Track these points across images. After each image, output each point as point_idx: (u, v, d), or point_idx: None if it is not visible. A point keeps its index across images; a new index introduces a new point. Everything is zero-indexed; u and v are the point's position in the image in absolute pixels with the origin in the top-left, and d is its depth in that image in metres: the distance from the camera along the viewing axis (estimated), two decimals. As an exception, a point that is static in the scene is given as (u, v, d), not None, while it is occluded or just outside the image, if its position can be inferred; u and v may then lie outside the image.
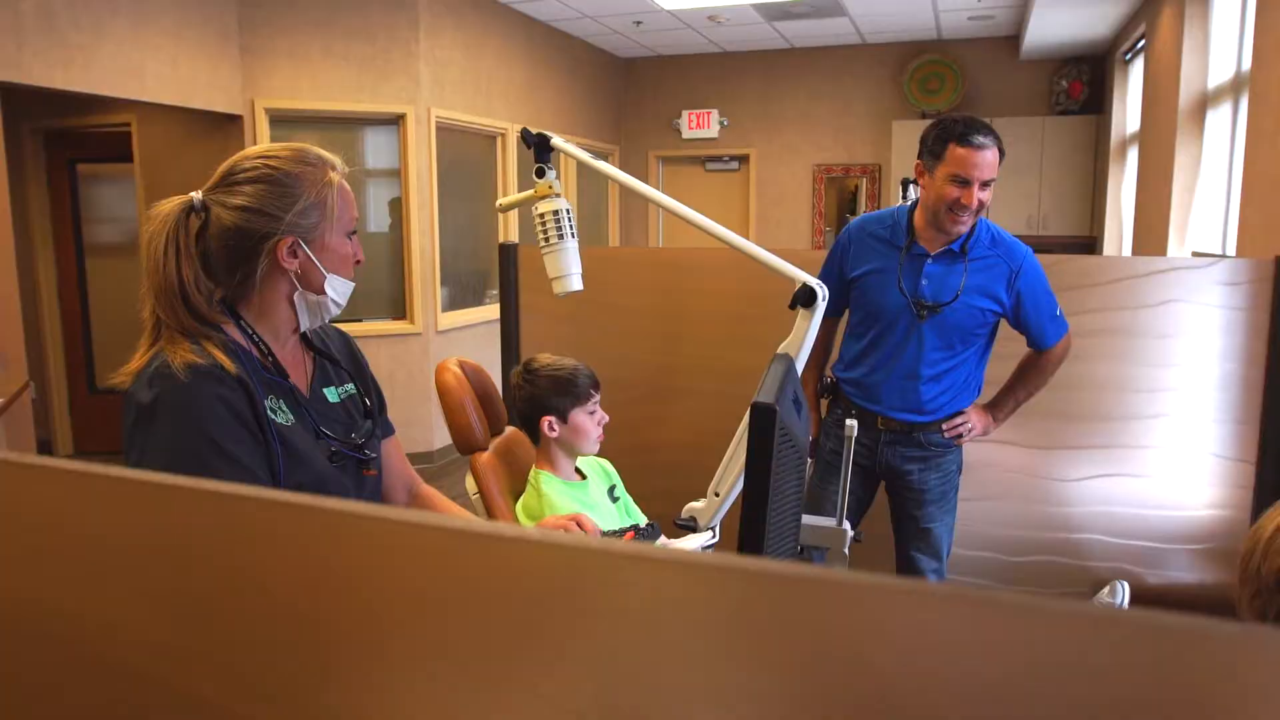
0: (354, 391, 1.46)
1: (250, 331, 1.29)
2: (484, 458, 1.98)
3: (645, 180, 8.70)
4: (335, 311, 1.35)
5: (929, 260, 2.22)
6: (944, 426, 2.30)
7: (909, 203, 4.72)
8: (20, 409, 3.49)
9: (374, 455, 1.40)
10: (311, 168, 1.28)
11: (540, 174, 1.73)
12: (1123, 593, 2.02)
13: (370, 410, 1.46)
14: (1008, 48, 7.15)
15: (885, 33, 7.13)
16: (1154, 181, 4.83)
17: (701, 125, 8.18)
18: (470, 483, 1.98)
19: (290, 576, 0.46)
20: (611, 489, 2.14)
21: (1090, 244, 6.80)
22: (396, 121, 5.37)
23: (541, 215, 1.73)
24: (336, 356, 1.46)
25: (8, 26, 3.62)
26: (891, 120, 7.36)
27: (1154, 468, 2.77)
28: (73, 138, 5.46)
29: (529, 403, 1.98)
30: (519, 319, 3.39)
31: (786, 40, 7.41)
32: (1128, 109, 6.17)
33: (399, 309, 5.55)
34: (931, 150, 2.16)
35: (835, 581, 0.37)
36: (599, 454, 2.09)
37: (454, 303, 5.95)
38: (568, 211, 1.74)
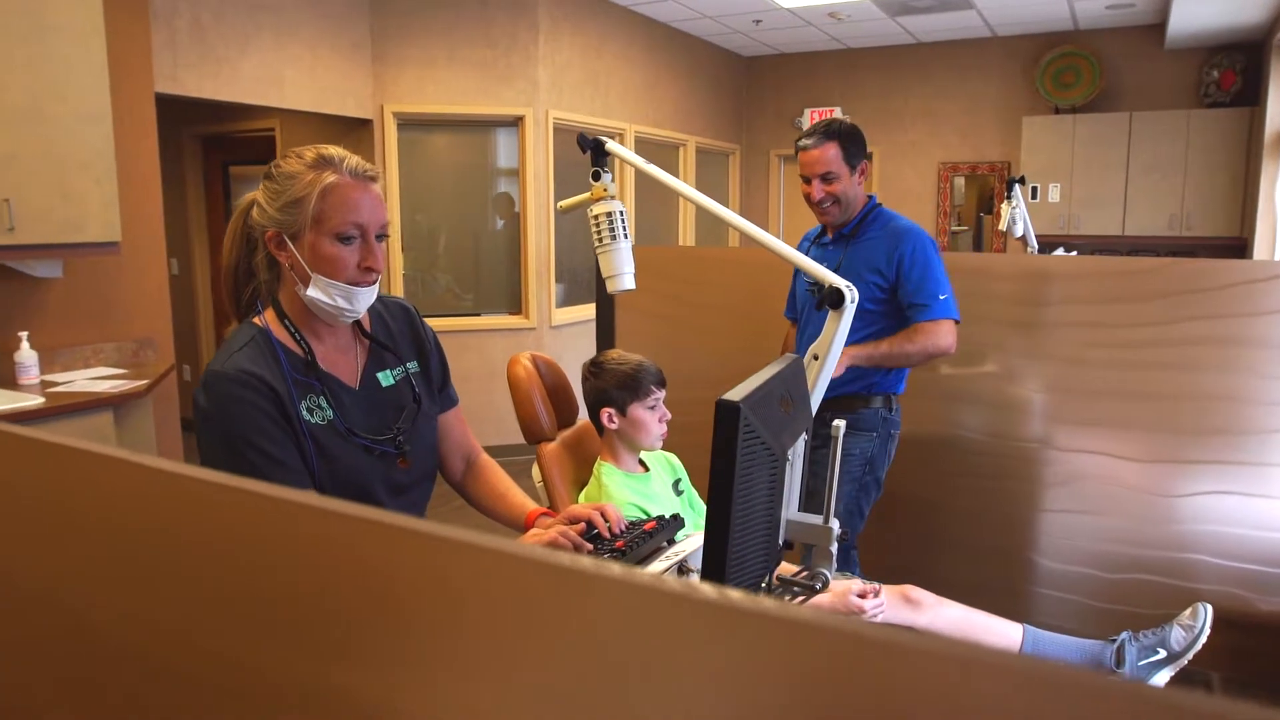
0: (411, 370, 1.50)
1: (294, 330, 1.38)
2: (549, 448, 2.07)
3: (766, 179, 8.64)
4: (334, 313, 1.35)
5: (829, 246, 2.55)
6: None
7: (1016, 206, 4.53)
8: (166, 389, 3.85)
9: (409, 448, 1.45)
10: (309, 169, 1.33)
11: (596, 177, 1.80)
12: (1205, 615, 1.91)
13: (429, 386, 1.52)
14: (1151, 37, 6.72)
15: (1016, 25, 6.84)
16: (1306, 179, 4.46)
17: (823, 123, 8.07)
18: (536, 472, 2.07)
19: (292, 572, 0.51)
20: (676, 482, 2.19)
21: (1239, 246, 6.32)
22: (516, 123, 5.57)
23: (596, 217, 1.80)
24: (395, 337, 1.50)
25: (165, 43, 3.99)
26: (1021, 116, 7.05)
27: (1272, 486, 2.59)
28: (226, 142, 5.94)
29: (593, 394, 2.07)
30: (614, 316, 3.50)
31: (911, 35, 7.22)
32: (1285, 101, 5.71)
33: (515, 304, 5.76)
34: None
35: (793, 620, 0.37)
36: (666, 449, 2.14)
37: (569, 299, 6.12)
38: (621, 213, 1.80)
